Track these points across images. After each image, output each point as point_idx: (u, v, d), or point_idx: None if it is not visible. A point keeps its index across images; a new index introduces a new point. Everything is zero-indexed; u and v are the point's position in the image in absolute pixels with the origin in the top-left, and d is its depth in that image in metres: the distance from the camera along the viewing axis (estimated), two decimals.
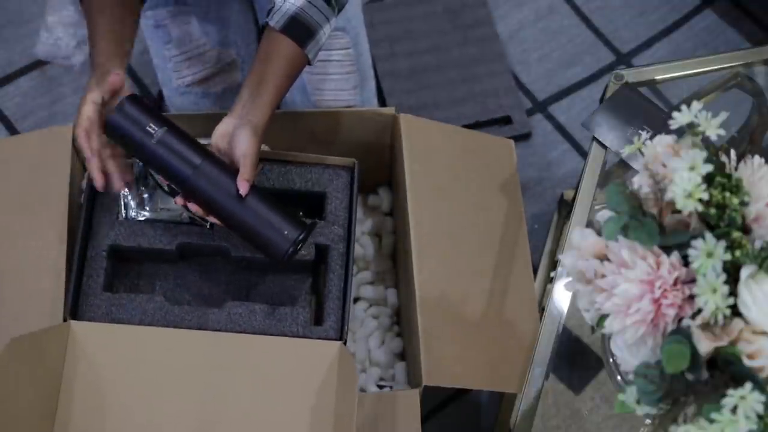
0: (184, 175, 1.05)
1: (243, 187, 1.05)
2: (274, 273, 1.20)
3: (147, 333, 1.10)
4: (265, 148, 1.29)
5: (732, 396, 0.69)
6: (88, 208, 1.15)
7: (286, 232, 1.06)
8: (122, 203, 1.17)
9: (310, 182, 1.22)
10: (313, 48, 1.14)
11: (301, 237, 1.07)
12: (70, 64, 1.64)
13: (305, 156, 1.22)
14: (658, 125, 1.20)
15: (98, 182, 1.06)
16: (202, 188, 1.05)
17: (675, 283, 0.75)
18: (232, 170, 1.06)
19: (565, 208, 1.50)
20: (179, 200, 1.08)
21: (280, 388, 1.08)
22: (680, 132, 0.80)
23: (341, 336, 1.13)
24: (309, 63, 1.16)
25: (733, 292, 0.72)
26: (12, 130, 1.63)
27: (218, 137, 1.09)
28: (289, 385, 1.08)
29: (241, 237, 1.09)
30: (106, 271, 1.14)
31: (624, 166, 1.26)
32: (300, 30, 1.12)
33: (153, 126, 1.05)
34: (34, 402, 1.03)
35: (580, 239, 0.81)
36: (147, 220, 1.17)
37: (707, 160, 0.74)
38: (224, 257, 1.17)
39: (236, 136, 1.07)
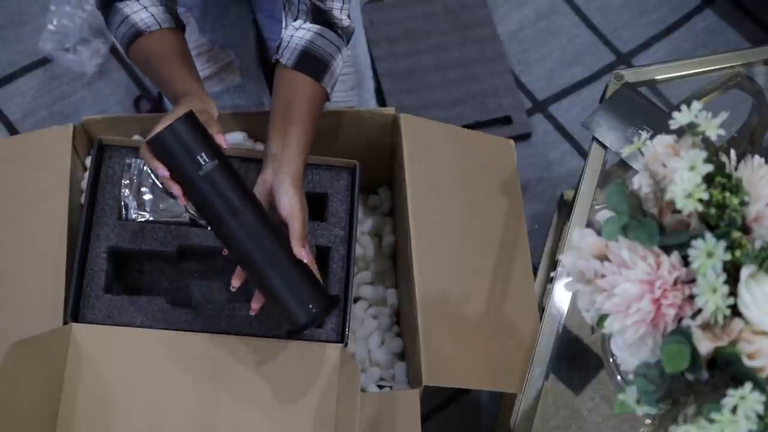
0: (222, 219, 0.99)
1: (300, 254, 1.02)
2: None
3: (148, 335, 1.10)
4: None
5: (732, 396, 0.69)
6: (89, 209, 1.15)
7: (310, 306, 1.00)
8: (123, 204, 1.17)
9: (312, 183, 1.22)
10: (330, 81, 1.13)
11: (323, 312, 1.02)
12: (77, 61, 1.65)
13: (308, 157, 1.21)
14: (658, 125, 1.20)
15: (183, 200, 1.00)
16: (237, 238, 0.99)
17: (675, 283, 0.75)
18: (270, 223, 1.01)
19: (565, 208, 1.50)
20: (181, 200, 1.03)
21: (281, 391, 1.08)
22: (680, 132, 0.80)
23: (342, 338, 1.13)
24: (328, 98, 1.14)
25: (733, 292, 0.72)
26: (12, 130, 1.63)
27: (259, 197, 1.06)
28: (290, 387, 1.08)
29: (261, 293, 1.04)
30: (107, 273, 1.14)
31: (624, 166, 1.26)
32: (314, 64, 1.11)
33: (204, 156, 0.97)
34: (37, 405, 1.03)
35: (580, 239, 0.81)
36: (147, 222, 1.17)
37: (707, 160, 0.74)
38: (225, 259, 1.17)
39: (277, 193, 1.05)
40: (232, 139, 1.31)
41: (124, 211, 1.17)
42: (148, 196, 1.18)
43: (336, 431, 1.06)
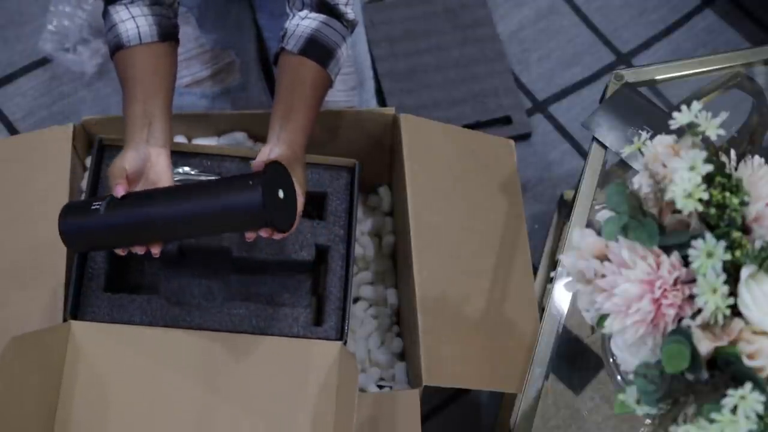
0: (156, 220, 0.99)
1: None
2: (275, 273, 1.20)
3: (147, 333, 1.10)
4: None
5: (732, 396, 0.69)
6: None
7: (250, 182, 0.96)
8: None
9: (311, 182, 1.22)
10: (334, 68, 1.14)
11: (269, 178, 0.98)
12: (78, 61, 1.65)
13: (307, 156, 1.22)
14: (658, 125, 1.20)
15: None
16: (163, 221, 0.98)
17: (675, 283, 0.75)
18: (163, 191, 1.01)
19: (565, 208, 1.50)
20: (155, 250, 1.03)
21: (280, 389, 1.08)
22: (680, 132, 0.80)
23: (341, 337, 1.13)
24: (331, 85, 1.15)
25: (733, 292, 0.72)
26: (12, 130, 1.63)
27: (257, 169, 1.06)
28: (289, 385, 1.08)
29: (221, 228, 1.02)
30: (107, 272, 1.14)
31: (624, 166, 1.26)
32: (319, 51, 1.12)
33: (97, 203, 1.00)
34: (35, 400, 1.03)
35: (580, 239, 0.81)
36: None
37: (707, 160, 0.74)
38: (225, 257, 1.17)
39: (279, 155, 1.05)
40: (232, 139, 1.31)
41: None
42: None
43: (334, 429, 1.06)
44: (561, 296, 1.15)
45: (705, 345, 0.73)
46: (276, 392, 1.08)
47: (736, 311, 0.73)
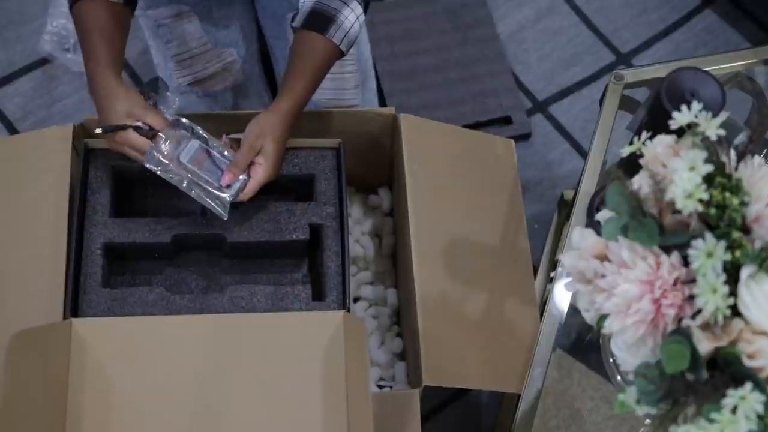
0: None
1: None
2: (273, 256, 1.21)
3: (150, 323, 1.09)
4: None
5: (732, 396, 0.69)
6: (80, 208, 1.15)
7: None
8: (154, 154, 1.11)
9: (298, 166, 1.22)
10: (337, 33, 1.17)
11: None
12: (78, 61, 1.64)
13: (291, 141, 1.22)
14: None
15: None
16: None
17: (675, 283, 0.75)
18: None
19: (565, 208, 1.50)
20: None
21: (288, 362, 1.07)
22: (680, 132, 0.80)
23: (344, 305, 1.13)
24: (342, 51, 1.19)
25: (733, 292, 0.72)
26: (12, 130, 1.63)
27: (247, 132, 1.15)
28: (298, 357, 1.07)
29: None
30: (103, 269, 1.14)
31: (624, 166, 1.26)
32: (317, 19, 1.16)
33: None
34: (44, 397, 1.02)
35: (580, 239, 0.81)
36: (139, 217, 1.17)
37: (707, 160, 0.74)
38: (221, 244, 1.17)
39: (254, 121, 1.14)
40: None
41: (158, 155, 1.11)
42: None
43: (348, 391, 1.04)
44: (561, 296, 1.15)
45: (705, 345, 0.73)
46: (284, 366, 1.07)
47: (736, 311, 0.73)
